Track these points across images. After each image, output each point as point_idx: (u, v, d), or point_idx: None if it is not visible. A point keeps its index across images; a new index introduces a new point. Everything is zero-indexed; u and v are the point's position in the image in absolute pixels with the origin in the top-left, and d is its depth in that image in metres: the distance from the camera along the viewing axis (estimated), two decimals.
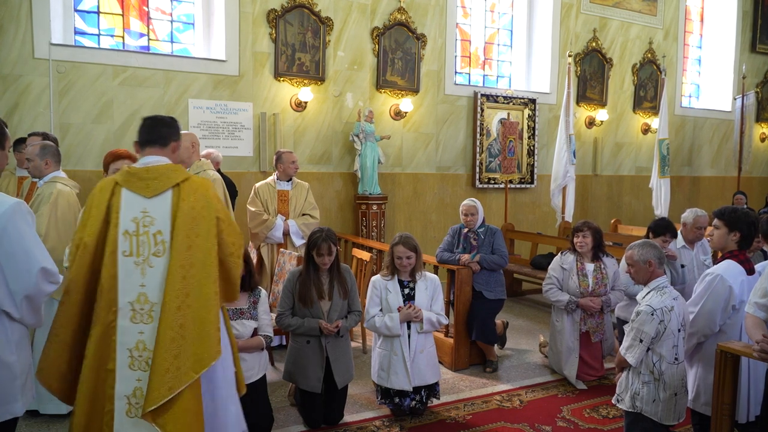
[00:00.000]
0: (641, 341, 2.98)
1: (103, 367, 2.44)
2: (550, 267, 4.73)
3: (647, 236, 4.69)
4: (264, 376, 3.59)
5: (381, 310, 3.88)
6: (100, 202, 2.52)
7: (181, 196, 2.52)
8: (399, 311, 3.83)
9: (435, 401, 4.07)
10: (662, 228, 4.61)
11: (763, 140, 11.91)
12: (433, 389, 3.97)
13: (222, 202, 2.79)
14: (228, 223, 2.63)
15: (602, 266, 4.57)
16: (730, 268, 3.13)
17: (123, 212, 2.49)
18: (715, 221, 3.28)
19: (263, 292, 3.65)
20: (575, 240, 4.57)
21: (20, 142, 4.84)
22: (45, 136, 4.49)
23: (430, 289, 3.99)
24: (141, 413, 2.36)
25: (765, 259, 4.41)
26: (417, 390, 3.87)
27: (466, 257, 4.86)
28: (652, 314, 2.95)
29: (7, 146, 2.53)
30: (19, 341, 2.32)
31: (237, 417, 2.77)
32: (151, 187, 2.52)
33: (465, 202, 5.04)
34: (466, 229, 5.03)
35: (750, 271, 3.15)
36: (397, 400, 3.85)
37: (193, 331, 2.42)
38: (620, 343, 4.70)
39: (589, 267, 4.56)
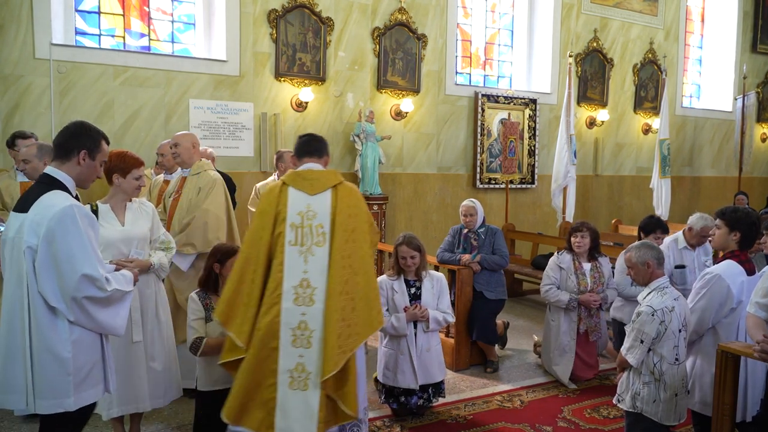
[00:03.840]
0: (642, 342, 2.98)
1: (266, 346, 2.77)
2: (547, 267, 4.73)
3: (639, 237, 4.71)
4: None
5: (387, 310, 3.87)
6: (267, 209, 2.92)
7: (339, 196, 2.94)
8: (405, 311, 3.83)
9: (440, 399, 4.06)
10: (652, 225, 4.63)
11: (763, 140, 11.90)
12: (438, 387, 3.97)
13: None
14: (372, 223, 3.08)
15: (598, 265, 4.62)
16: (730, 268, 3.13)
17: (290, 207, 2.90)
18: (717, 221, 3.28)
19: None
20: (573, 240, 4.59)
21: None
22: (29, 137, 4.40)
23: (436, 287, 4.00)
24: (319, 380, 2.74)
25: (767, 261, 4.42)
26: (424, 388, 3.87)
27: (466, 257, 4.86)
28: (653, 315, 2.95)
29: (98, 158, 2.51)
30: (78, 340, 2.35)
31: (363, 393, 3.13)
32: (314, 186, 2.94)
33: (464, 202, 5.04)
34: (466, 230, 5.03)
35: (750, 272, 3.15)
36: (402, 399, 3.85)
37: (361, 304, 2.84)
38: (615, 343, 4.76)
39: (586, 266, 4.60)
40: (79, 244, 2.28)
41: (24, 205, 2.35)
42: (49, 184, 2.38)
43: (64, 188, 2.39)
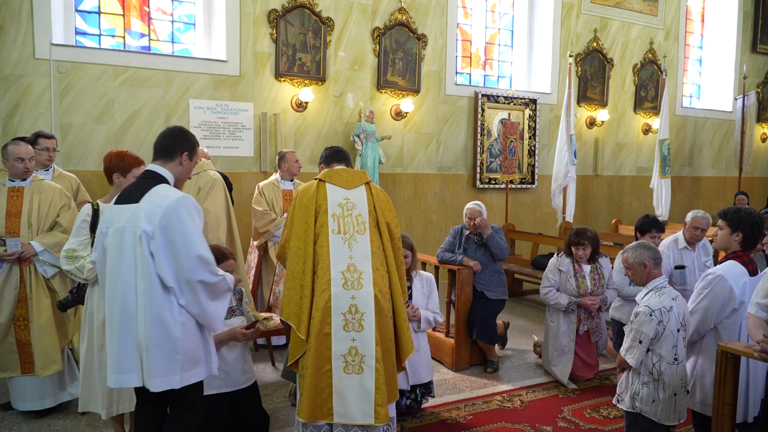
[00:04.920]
0: (640, 342, 2.98)
1: (321, 333, 2.84)
2: (546, 270, 4.72)
3: (635, 237, 4.71)
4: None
5: None
6: (306, 204, 3.04)
7: (372, 192, 3.14)
8: None
9: (431, 400, 4.06)
10: (648, 225, 4.65)
11: (763, 140, 11.90)
12: (427, 387, 3.96)
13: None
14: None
15: (598, 267, 4.61)
16: (732, 268, 3.12)
17: (330, 200, 3.04)
18: (719, 221, 3.28)
19: (243, 288, 3.60)
20: (575, 251, 4.55)
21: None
22: (51, 137, 4.45)
23: (426, 287, 4.01)
24: (373, 362, 2.82)
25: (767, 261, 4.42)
26: (412, 389, 3.86)
27: (474, 262, 4.84)
28: (651, 315, 2.95)
29: (194, 160, 2.71)
30: (185, 323, 2.50)
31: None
32: (350, 182, 3.13)
33: (469, 206, 4.99)
34: (468, 231, 5.02)
35: (753, 272, 3.14)
36: None
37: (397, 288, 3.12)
38: (614, 342, 4.75)
39: (586, 268, 4.59)
40: (194, 230, 2.47)
41: (132, 197, 2.53)
42: (155, 179, 2.57)
43: (168, 184, 2.58)
